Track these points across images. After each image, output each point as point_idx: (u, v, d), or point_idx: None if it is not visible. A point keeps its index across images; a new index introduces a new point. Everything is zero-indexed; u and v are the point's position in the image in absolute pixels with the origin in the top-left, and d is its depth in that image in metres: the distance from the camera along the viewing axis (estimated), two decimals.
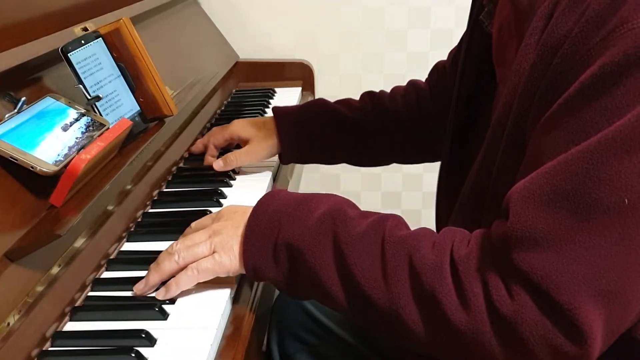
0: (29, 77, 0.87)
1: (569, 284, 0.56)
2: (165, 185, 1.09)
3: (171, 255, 0.75)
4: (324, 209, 0.71)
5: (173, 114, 1.03)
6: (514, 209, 0.59)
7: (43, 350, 0.70)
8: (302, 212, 0.71)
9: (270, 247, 0.71)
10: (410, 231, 0.68)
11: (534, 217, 0.58)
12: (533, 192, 0.58)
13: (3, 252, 0.69)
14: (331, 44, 1.81)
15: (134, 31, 0.98)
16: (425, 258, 0.63)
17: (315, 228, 0.69)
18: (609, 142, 0.54)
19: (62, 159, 0.78)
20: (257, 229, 0.72)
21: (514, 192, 0.60)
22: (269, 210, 0.73)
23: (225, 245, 0.74)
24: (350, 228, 0.68)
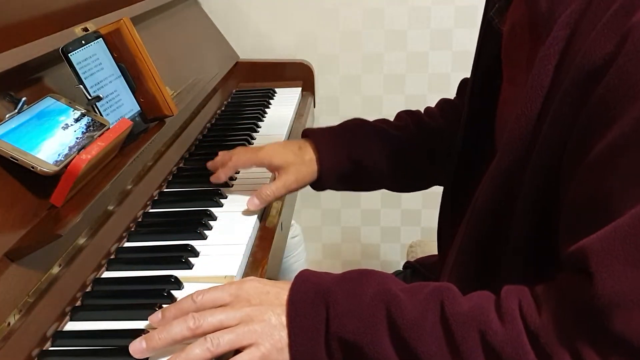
0: (29, 77, 0.87)
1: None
2: (166, 185, 1.09)
3: (204, 342, 0.64)
4: (371, 292, 0.65)
5: (173, 114, 1.03)
6: (598, 273, 0.55)
7: (43, 350, 0.70)
8: (348, 297, 0.65)
9: (321, 342, 0.64)
10: (470, 303, 0.62)
11: (623, 281, 0.54)
12: (615, 252, 0.54)
13: (4, 252, 0.69)
14: (331, 44, 1.81)
15: (134, 31, 0.99)
16: (499, 335, 0.59)
17: (368, 317, 0.63)
18: None
19: (63, 159, 0.78)
20: (303, 319, 0.65)
21: (593, 249, 0.56)
22: (310, 295, 0.66)
23: (268, 335, 0.65)
24: (406, 312, 0.62)
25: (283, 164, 0.98)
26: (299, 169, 0.98)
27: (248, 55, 1.78)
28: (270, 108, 1.52)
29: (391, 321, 0.62)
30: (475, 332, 0.59)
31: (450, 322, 0.61)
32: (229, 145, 1.25)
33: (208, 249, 0.88)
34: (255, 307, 0.66)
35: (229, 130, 1.38)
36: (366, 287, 0.65)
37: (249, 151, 1.02)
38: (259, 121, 1.42)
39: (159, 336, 0.65)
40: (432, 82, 1.82)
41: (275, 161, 0.98)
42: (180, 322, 0.66)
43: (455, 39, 1.78)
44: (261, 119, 1.44)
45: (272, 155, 0.99)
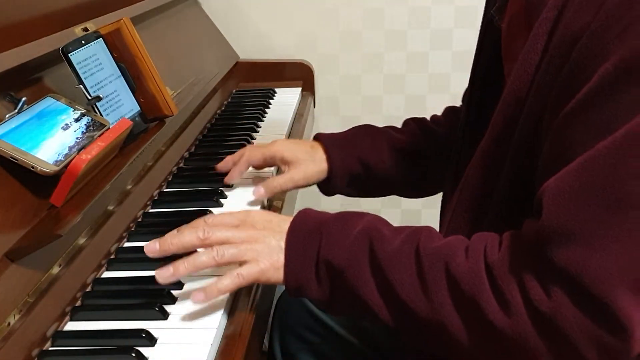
0: (29, 77, 0.87)
1: (604, 277, 0.56)
2: (166, 185, 1.09)
3: (210, 251, 0.72)
4: (360, 227, 0.71)
5: (173, 114, 1.03)
6: (546, 207, 0.59)
7: (43, 350, 0.70)
8: (340, 230, 0.71)
9: (312, 266, 0.71)
10: (443, 241, 0.68)
11: (565, 213, 0.58)
12: (563, 189, 0.58)
13: (4, 252, 0.69)
14: (331, 44, 1.81)
15: (134, 31, 0.99)
16: (461, 266, 0.64)
17: (353, 247, 0.70)
18: (635, 134, 0.55)
19: (63, 159, 0.78)
20: (299, 245, 0.72)
21: (546, 190, 0.60)
22: (308, 226, 0.73)
23: (267, 254, 0.73)
24: (386, 244, 0.69)
25: (293, 159, 1.01)
26: (307, 166, 1.01)
27: (248, 55, 1.78)
28: (270, 108, 1.52)
29: (372, 252, 0.69)
30: (441, 263, 0.65)
31: (421, 254, 0.67)
32: (229, 145, 1.25)
33: None
34: (259, 231, 0.74)
35: (229, 130, 1.37)
36: (357, 223, 0.72)
37: (260, 147, 1.04)
38: (259, 121, 1.42)
39: (171, 240, 0.74)
40: (432, 82, 1.81)
41: (286, 156, 1.01)
42: (192, 231, 0.74)
43: (455, 39, 1.78)
44: (261, 119, 1.44)
45: (284, 150, 1.02)
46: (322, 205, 1.95)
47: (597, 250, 0.56)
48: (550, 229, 0.59)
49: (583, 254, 0.57)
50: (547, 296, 0.59)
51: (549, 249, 0.59)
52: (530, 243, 0.61)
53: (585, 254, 0.57)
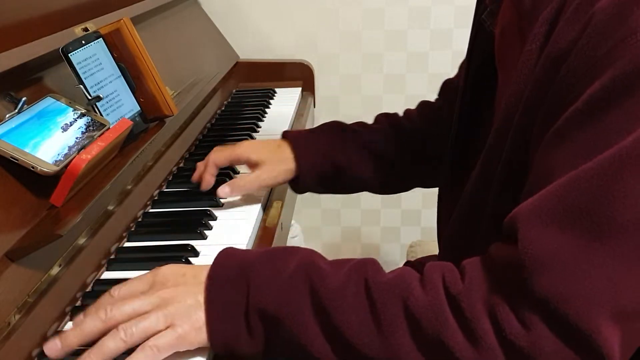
0: (29, 77, 0.87)
1: (588, 307, 0.53)
2: (166, 185, 1.09)
3: (116, 332, 0.62)
4: (294, 264, 0.64)
5: (173, 114, 1.03)
6: (523, 232, 0.56)
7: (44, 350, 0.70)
8: (270, 270, 0.64)
9: (240, 317, 0.62)
10: (393, 274, 0.62)
11: (545, 239, 0.54)
12: (543, 212, 0.55)
13: (3, 252, 0.69)
14: (331, 44, 1.81)
15: (134, 31, 0.99)
16: (420, 300, 0.59)
17: (290, 289, 0.62)
18: (621, 157, 0.52)
19: (63, 159, 0.78)
20: (222, 295, 0.63)
21: (521, 213, 0.57)
22: (230, 271, 0.64)
23: (184, 315, 0.63)
24: (328, 282, 0.61)
25: (259, 160, 1.00)
26: (274, 166, 1.00)
27: (248, 55, 1.78)
28: (270, 108, 1.52)
29: (313, 292, 0.61)
30: (397, 299, 0.59)
31: (372, 291, 0.60)
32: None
33: (208, 249, 0.88)
34: (172, 289, 0.65)
35: (229, 130, 1.38)
36: (290, 259, 0.64)
37: (226, 149, 1.03)
38: (259, 121, 1.42)
39: (73, 333, 0.64)
40: (432, 82, 1.81)
41: (252, 157, 1.00)
42: (92, 316, 0.64)
43: (455, 39, 1.79)
44: (261, 119, 1.44)
45: (250, 152, 1.01)
46: (323, 204, 1.95)
47: (581, 278, 0.53)
48: (528, 256, 0.55)
49: (566, 282, 0.53)
50: (524, 329, 0.55)
51: (528, 277, 0.54)
52: (503, 271, 0.57)
53: (569, 282, 0.53)
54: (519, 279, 0.55)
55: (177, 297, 0.64)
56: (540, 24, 0.62)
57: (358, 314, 0.60)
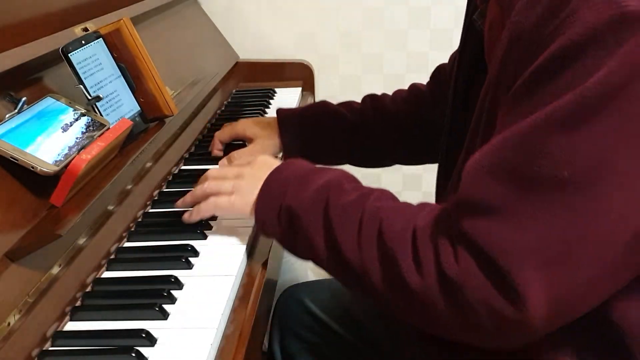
0: (29, 77, 0.87)
1: (511, 250, 0.59)
2: (166, 185, 1.09)
3: (203, 180, 0.90)
4: (326, 179, 0.78)
5: (173, 114, 1.03)
6: (465, 180, 0.64)
7: (43, 350, 0.70)
8: (307, 181, 0.79)
9: (276, 209, 0.80)
10: (390, 202, 0.75)
11: (481, 187, 0.62)
12: (482, 164, 0.63)
13: (3, 252, 0.69)
14: (331, 44, 1.81)
15: (134, 31, 0.99)
16: (393, 226, 0.69)
17: (314, 196, 0.77)
18: (551, 118, 0.58)
19: (63, 159, 0.78)
20: (271, 190, 0.82)
21: (469, 164, 0.64)
22: (282, 175, 0.82)
23: (243, 192, 0.85)
24: (341, 198, 0.75)
25: (252, 135, 1.18)
26: (264, 141, 1.17)
27: (248, 55, 1.78)
28: (270, 108, 1.52)
29: (327, 203, 0.75)
30: (377, 222, 0.70)
31: (365, 211, 0.72)
32: (229, 145, 1.25)
33: (208, 249, 0.88)
34: (250, 170, 0.87)
35: None
36: (326, 176, 0.80)
37: (228, 125, 1.22)
38: None
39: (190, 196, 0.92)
40: None
41: (247, 133, 1.18)
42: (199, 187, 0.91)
43: (455, 39, 1.77)
44: None
45: (245, 128, 1.19)
46: None
47: (508, 225, 0.60)
48: (465, 201, 0.63)
49: (494, 227, 0.60)
50: (455, 261, 0.62)
51: (463, 218, 0.62)
52: (448, 212, 0.66)
53: (496, 227, 0.60)
54: (458, 219, 0.63)
55: (250, 177, 0.86)
56: (515, 13, 0.66)
57: (350, 226, 0.72)
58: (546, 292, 0.59)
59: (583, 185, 0.58)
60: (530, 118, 0.60)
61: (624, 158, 0.57)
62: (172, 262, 0.84)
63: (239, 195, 0.86)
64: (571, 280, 0.59)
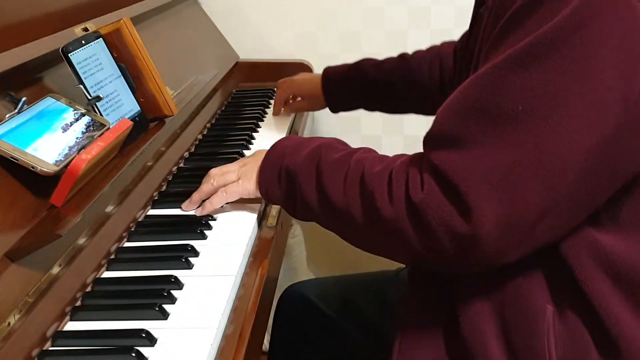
0: (29, 77, 0.87)
1: (469, 174, 0.66)
2: (166, 185, 1.09)
3: (208, 179, 0.95)
4: (319, 142, 0.85)
5: (173, 114, 1.04)
6: (437, 115, 0.71)
7: (43, 350, 0.70)
8: (302, 146, 0.86)
9: (275, 172, 0.87)
10: (375, 154, 0.81)
11: (447, 122, 0.70)
12: (451, 103, 0.70)
13: (4, 252, 0.69)
14: (331, 44, 1.81)
15: (134, 31, 0.99)
16: (374, 168, 0.76)
17: (308, 156, 0.84)
18: (509, 58, 0.65)
19: (63, 159, 0.78)
20: (269, 160, 0.89)
21: (444, 103, 0.71)
22: (281, 145, 0.90)
23: (248, 173, 0.92)
24: (331, 155, 0.82)
25: (303, 94, 1.42)
26: (311, 101, 1.40)
27: (248, 55, 1.78)
28: (270, 108, 1.52)
29: (319, 160, 0.82)
30: (361, 167, 0.78)
31: (352, 161, 0.79)
32: (229, 145, 1.25)
33: (208, 249, 0.88)
34: (250, 158, 0.96)
35: (229, 130, 1.37)
36: (319, 140, 0.87)
37: (286, 82, 1.45)
38: (259, 121, 1.42)
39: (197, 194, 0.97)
40: None
41: (301, 91, 1.43)
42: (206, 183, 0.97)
43: (455, 39, 1.78)
44: (261, 119, 1.44)
45: (299, 85, 1.43)
46: None
47: (467, 154, 0.67)
48: (433, 134, 0.71)
49: (455, 156, 0.67)
50: (421, 188, 0.70)
51: (431, 149, 0.71)
52: (424, 148, 0.73)
53: (457, 156, 0.67)
54: (428, 151, 0.71)
55: (249, 162, 0.94)
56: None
57: (337, 176, 0.79)
58: (495, 210, 0.65)
59: (535, 118, 0.64)
60: (493, 61, 0.67)
61: (571, 94, 0.63)
62: (172, 262, 0.84)
63: (244, 178, 0.92)
64: (520, 203, 0.65)
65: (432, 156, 0.70)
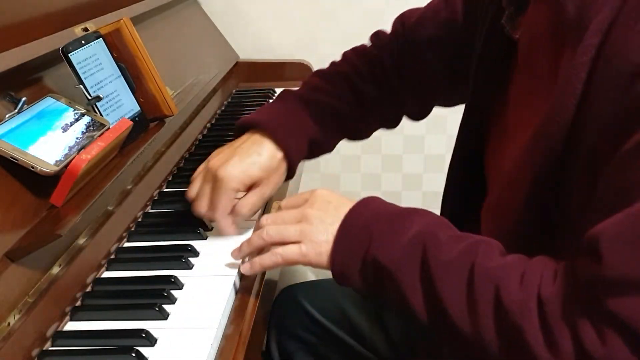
0: (29, 77, 0.87)
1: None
2: (166, 185, 1.09)
3: (261, 230, 0.77)
4: (417, 229, 0.70)
5: (173, 114, 1.03)
6: (608, 253, 0.57)
7: (43, 350, 0.70)
8: (395, 230, 0.70)
9: (359, 260, 0.71)
10: (501, 261, 0.66)
11: (627, 262, 0.56)
12: (627, 234, 0.56)
13: (3, 252, 0.69)
14: (331, 44, 1.81)
15: (134, 31, 0.99)
16: (512, 294, 0.62)
17: (406, 250, 0.69)
18: None
19: (63, 159, 0.78)
20: (349, 237, 0.72)
21: (605, 233, 0.58)
22: (362, 219, 0.73)
23: (314, 238, 0.74)
24: (442, 254, 0.67)
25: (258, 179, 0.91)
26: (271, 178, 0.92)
27: (248, 55, 1.78)
28: None
29: (425, 258, 0.67)
30: (492, 286, 0.63)
31: (475, 272, 0.65)
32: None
33: (208, 249, 0.88)
34: (315, 211, 0.76)
35: (229, 130, 1.37)
36: (413, 224, 0.71)
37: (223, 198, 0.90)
38: None
39: (246, 245, 0.80)
40: None
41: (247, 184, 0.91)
42: (257, 234, 0.78)
43: None
44: None
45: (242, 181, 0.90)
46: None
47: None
48: (610, 277, 0.57)
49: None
50: (601, 343, 0.57)
51: (611, 297, 0.57)
52: (586, 287, 0.59)
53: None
54: (602, 297, 0.57)
55: (316, 220, 0.75)
56: (591, 34, 0.61)
57: (458, 290, 0.65)
58: None
59: None
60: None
61: None
62: (172, 262, 0.85)
63: (309, 243, 0.74)
64: None
65: (614, 305, 0.56)
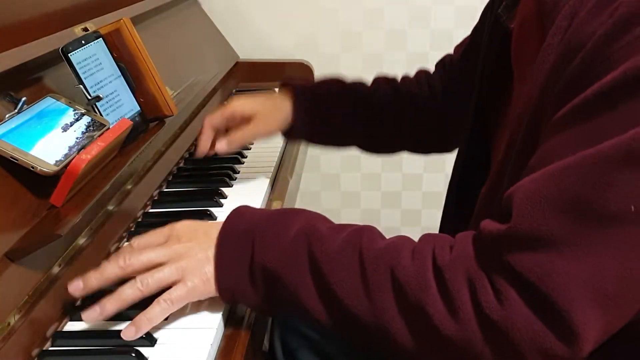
0: (29, 77, 0.87)
1: (568, 285, 0.55)
2: (166, 185, 1.09)
3: (134, 282, 0.69)
4: (298, 226, 0.68)
5: (173, 114, 1.03)
6: (518, 209, 0.57)
7: (43, 350, 0.70)
8: (276, 231, 0.69)
9: (246, 269, 0.68)
10: (387, 241, 0.66)
11: (539, 218, 0.56)
12: (539, 193, 0.57)
13: (3, 252, 0.69)
14: (331, 44, 1.81)
15: (134, 31, 0.99)
16: (407, 269, 0.61)
17: (291, 247, 0.67)
18: (622, 150, 0.53)
19: (63, 159, 0.78)
20: (230, 251, 0.69)
21: (518, 191, 0.58)
22: (239, 230, 0.70)
23: (195, 269, 0.69)
24: (326, 245, 0.66)
25: (252, 112, 1.02)
26: (268, 115, 1.02)
27: (248, 55, 1.78)
28: None
29: (311, 253, 0.66)
30: (386, 266, 0.63)
31: (364, 256, 0.64)
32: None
33: None
34: (185, 244, 0.71)
35: None
36: (294, 222, 0.69)
37: (219, 109, 1.05)
38: None
39: (94, 276, 0.71)
40: None
41: (246, 110, 1.02)
42: (113, 263, 0.71)
43: (455, 39, 1.77)
44: None
45: (243, 105, 1.03)
46: (322, 202, 1.95)
47: (566, 258, 0.55)
48: (519, 232, 0.57)
49: (550, 260, 0.55)
50: (499, 303, 0.57)
51: (513, 252, 0.57)
52: (490, 245, 0.59)
53: (552, 260, 0.55)
54: (504, 254, 0.57)
55: (190, 251, 0.70)
56: (562, 17, 0.61)
57: (350, 277, 0.64)
58: (600, 329, 0.56)
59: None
60: (595, 148, 0.55)
61: None
62: None
63: (192, 276, 0.69)
64: (624, 316, 0.57)
65: (511, 259, 0.56)
